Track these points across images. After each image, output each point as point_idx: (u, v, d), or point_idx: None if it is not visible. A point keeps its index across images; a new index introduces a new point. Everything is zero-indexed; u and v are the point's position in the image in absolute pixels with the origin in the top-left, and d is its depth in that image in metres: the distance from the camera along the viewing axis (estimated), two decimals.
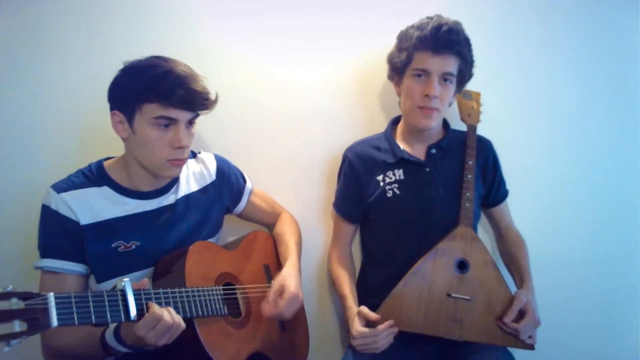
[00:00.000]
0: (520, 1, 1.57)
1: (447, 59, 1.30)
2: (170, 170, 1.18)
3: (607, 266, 1.62)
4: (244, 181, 1.43)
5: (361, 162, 1.44)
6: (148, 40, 1.46)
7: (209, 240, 1.30)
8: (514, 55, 1.58)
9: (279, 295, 1.22)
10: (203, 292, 1.12)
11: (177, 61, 1.15)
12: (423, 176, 1.39)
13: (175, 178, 1.26)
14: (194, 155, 1.35)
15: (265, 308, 1.21)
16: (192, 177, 1.31)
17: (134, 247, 1.18)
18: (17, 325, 0.79)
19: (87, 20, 1.45)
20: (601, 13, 1.59)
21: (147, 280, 1.03)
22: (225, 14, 1.50)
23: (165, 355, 1.09)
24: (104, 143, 1.31)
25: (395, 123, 1.50)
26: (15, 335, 0.78)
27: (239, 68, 1.52)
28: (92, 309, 0.90)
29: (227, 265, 1.26)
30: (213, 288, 1.15)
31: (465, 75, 1.38)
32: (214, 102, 1.18)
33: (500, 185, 1.49)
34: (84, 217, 1.13)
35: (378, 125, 1.53)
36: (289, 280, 1.25)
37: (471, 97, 1.47)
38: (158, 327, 0.96)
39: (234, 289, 1.24)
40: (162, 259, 1.19)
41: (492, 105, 1.52)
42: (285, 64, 1.54)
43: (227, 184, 1.36)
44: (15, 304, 0.80)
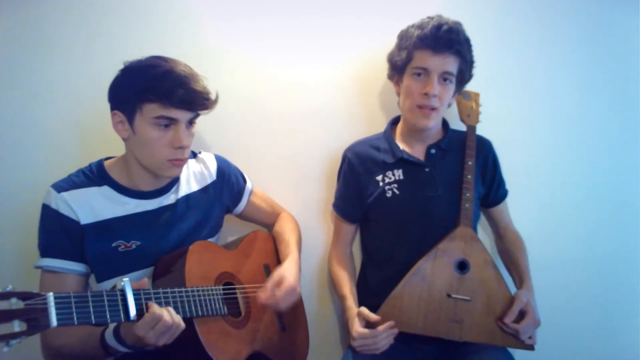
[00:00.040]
0: (520, 1, 1.57)
1: (447, 58, 1.30)
2: (170, 170, 1.18)
3: (607, 266, 1.62)
4: (244, 181, 1.43)
5: (361, 162, 1.44)
6: (148, 40, 1.46)
7: (209, 240, 1.30)
8: (513, 55, 1.58)
9: (277, 286, 1.22)
10: (203, 291, 1.12)
11: (177, 61, 1.15)
12: (422, 176, 1.39)
13: (176, 178, 1.26)
14: (194, 155, 1.35)
15: (262, 296, 1.20)
16: (192, 177, 1.31)
17: (134, 246, 1.18)
18: (17, 325, 0.78)
19: (87, 20, 1.45)
20: (601, 13, 1.59)
21: (146, 280, 1.03)
22: (225, 14, 1.51)
23: (165, 355, 1.09)
24: (104, 143, 1.32)
25: (394, 123, 1.49)
26: (14, 335, 0.78)
27: (239, 68, 1.52)
28: (91, 308, 0.90)
29: (227, 265, 1.26)
30: (213, 288, 1.15)
31: (465, 75, 1.38)
32: (214, 102, 1.18)
33: (500, 185, 1.49)
34: (84, 217, 1.13)
35: (378, 125, 1.52)
36: (288, 272, 1.25)
37: (470, 97, 1.47)
38: (158, 326, 0.96)
39: (234, 289, 1.24)
40: (162, 258, 1.19)
41: (491, 106, 1.52)
42: (285, 64, 1.54)
43: (228, 184, 1.36)
44: (15, 304, 0.80)
